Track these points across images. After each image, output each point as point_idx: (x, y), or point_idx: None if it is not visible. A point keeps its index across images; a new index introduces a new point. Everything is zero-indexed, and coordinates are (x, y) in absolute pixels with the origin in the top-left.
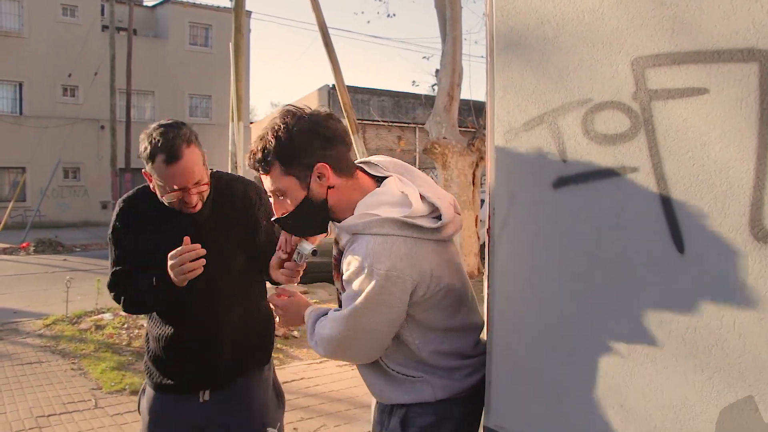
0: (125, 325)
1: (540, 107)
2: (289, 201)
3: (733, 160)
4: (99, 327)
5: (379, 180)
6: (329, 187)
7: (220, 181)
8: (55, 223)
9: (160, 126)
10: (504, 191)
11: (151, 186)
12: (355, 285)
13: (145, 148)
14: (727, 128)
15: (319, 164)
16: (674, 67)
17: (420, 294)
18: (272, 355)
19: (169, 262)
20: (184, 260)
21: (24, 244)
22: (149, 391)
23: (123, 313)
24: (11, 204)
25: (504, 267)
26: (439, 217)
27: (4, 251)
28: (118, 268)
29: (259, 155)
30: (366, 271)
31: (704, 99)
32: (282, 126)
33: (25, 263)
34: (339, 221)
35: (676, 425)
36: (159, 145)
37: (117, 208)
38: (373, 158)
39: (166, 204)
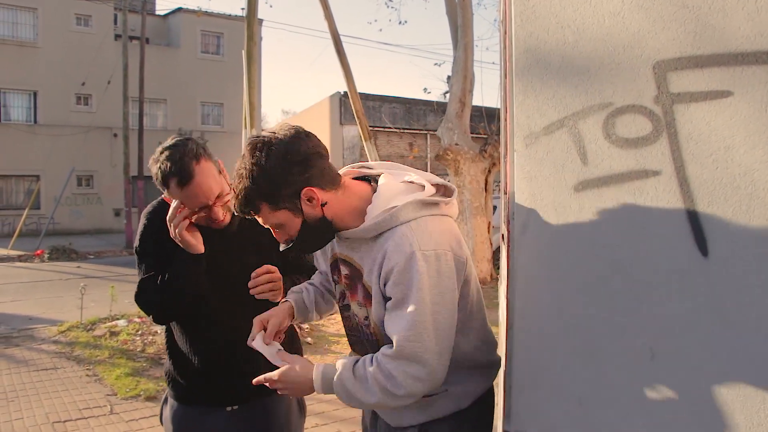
0: (139, 332)
1: (560, 111)
2: (288, 229)
3: (758, 162)
4: (113, 333)
5: (367, 179)
6: (323, 205)
7: None
8: (69, 231)
9: (165, 149)
10: (524, 195)
11: None
12: (409, 278)
13: (156, 176)
14: (752, 131)
15: (305, 189)
16: (697, 70)
17: (462, 269)
18: None
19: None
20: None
21: (38, 252)
22: (173, 403)
23: (137, 320)
24: (26, 212)
25: (524, 271)
26: (444, 195)
27: (19, 258)
28: (145, 275)
29: (243, 201)
30: (416, 256)
31: (728, 102)
32: (254, 166)
33: (39, 270)
34: (341, 230)
35: (701, 430)
36: (168, 169)
37: (142, 223)
38: (356, 164)
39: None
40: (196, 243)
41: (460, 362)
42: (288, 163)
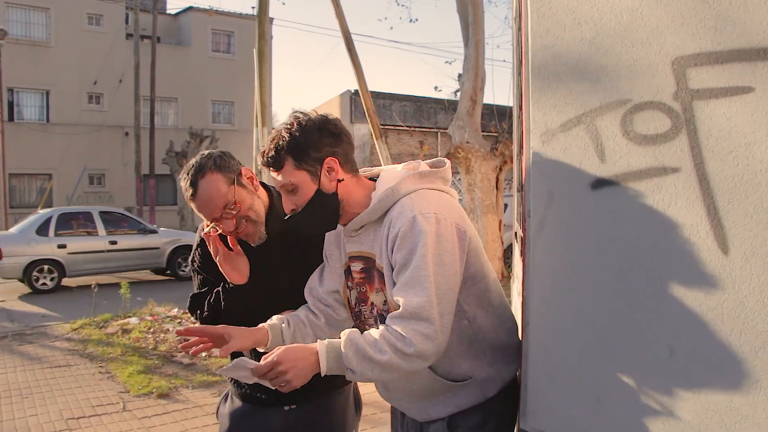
0: (151, 329)
1: (577, 108)
2: (300, 195)
3: None
4: (125, 331)
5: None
6: (338, 181)
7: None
8: None
9: (187, 165)
10: (541, 193)
11: None
12: (412, 240)
13: None
14: None
15: (328, 158)
16: (717, 66)
17: (464, 238)
18: None
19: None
20: None
21: None
22: (234, 400)
23: (149, 318)
24: (38, 210)
25: (541, 268)
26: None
27: None
28: (197, 291)
29: (272, 152)
30: (417, 219)
31: (749, 98)
32: (294, 124)
33: None
34: (347, 219)
35: (721, 429)
36: (184, 185)
37: (197, 239)
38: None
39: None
40: (236, 274)
41: (480, 343)
42: (322, 132)
